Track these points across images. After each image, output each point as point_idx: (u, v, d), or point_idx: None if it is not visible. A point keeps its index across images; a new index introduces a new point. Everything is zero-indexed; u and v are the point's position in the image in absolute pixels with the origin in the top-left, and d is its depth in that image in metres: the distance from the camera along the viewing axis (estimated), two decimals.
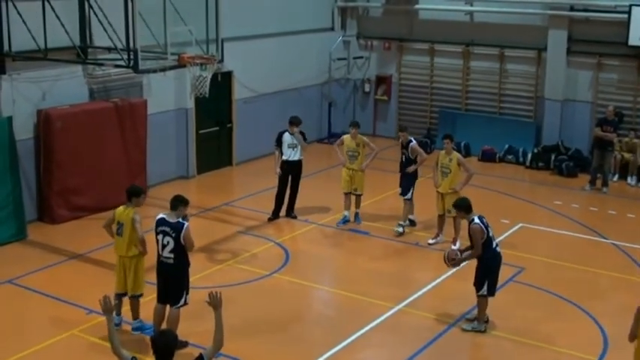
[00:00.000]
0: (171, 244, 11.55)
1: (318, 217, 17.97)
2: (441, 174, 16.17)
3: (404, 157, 17.09)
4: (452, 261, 12.78)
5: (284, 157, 17.63)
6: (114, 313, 8.68)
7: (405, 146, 17.00)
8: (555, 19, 22.69)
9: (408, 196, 16.97)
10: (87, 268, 15.09)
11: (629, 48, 21.29)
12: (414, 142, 17.12)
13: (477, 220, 12.30)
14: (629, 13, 20.92)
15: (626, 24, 21.01)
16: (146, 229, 12.25)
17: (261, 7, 22.50)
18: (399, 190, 17.25)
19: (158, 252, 11.75)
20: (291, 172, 17.73)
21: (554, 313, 13.43)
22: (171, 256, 11.60)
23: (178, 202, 11.75)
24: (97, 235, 16.24)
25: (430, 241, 16.39)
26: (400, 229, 16.89)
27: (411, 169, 16.88)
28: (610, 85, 22.45)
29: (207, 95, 16.62)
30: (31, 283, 14.22)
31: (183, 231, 11.46)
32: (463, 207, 12.57)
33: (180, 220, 11.60)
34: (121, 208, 12.28)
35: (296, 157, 17.68)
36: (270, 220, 17.74)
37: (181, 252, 11.61)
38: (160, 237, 11.62)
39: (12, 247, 15.99)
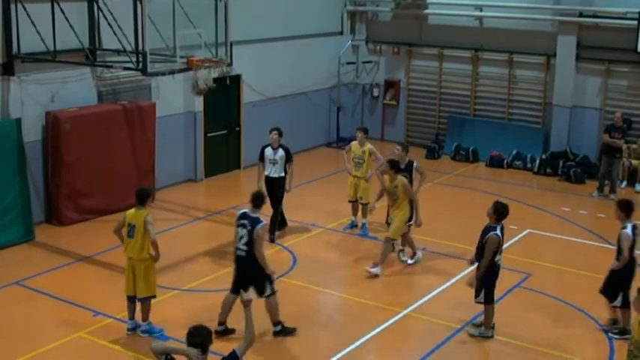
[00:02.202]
0: (246, 237, 11.98)
1: (326, 221, 17.96)
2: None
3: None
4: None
5: (265, 173, 16.57)
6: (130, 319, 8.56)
7: (406, 169, 15.65)
8: (565, 25, 22.67)
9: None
10: (94, 270, 15.11)
11: (639, 55, 21.24)
12: (415, 162, 16.03)
13: (498, 232, 12.22)
14: (638, 19, 20.88)
15: (636, 30, 20.97)
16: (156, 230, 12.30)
17: (270, 10, 22.53)
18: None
19: (235, 244, 12.21)
20: (271, 189, 16.38)
21: (560, 320, 13.40)
22: (245, 248, 12.03)
23: (260, 200, 12.24)
24: (104, 237, 16.32)
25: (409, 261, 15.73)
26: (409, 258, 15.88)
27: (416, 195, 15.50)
28: (619, 91, 22.41)
29: (213, 85, 16.62)
30: (39, 285, 14.25)
31: (258, 227, 11.90)
32: (500, 213, 12.36)
33: (260, 217, 12.07)
34: (132, 210, 12.22)
35: (276, 174, 16.50)
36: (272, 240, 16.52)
37: (253, 246, 12.00)
38: (238, 229, 12.09)
39: (20, 248, 16.03)
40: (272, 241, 16.47)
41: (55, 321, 13.00)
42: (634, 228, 12.40)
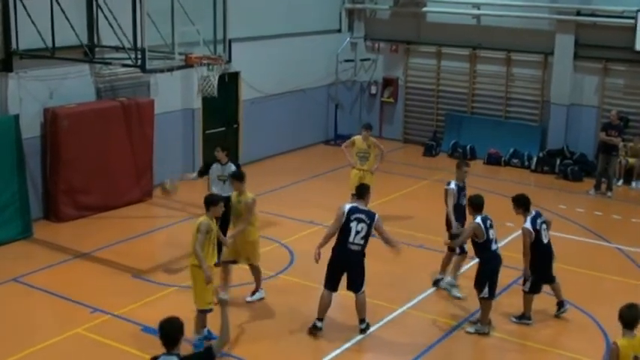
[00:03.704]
0: (364, 231, 12.22)
1: (324, 218, 17.90)
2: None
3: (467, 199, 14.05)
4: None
5: (215, 192, 14.65)
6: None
7: (464, 187, 14.68)
8: (562, 23, 22.65)
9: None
10: (92, 266, 15.08)
11: (636, 53, 21.23)
12: None
13: (477, 220, 12.44)
14: (635, 18, 20.89)
15: (633, 29, 20.98)
16: (152, 228, 12.26)
17: (269, 8, 22.50)
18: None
19: (342, 240, 12.26)
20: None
21: (557, 317, 13.39)
22: (362, 242, 12.28)
23: (365, 190, 12.66)
24: (102, 233, 16.39)
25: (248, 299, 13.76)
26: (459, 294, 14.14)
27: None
28: (616, 90, 22.40)
29: (215, 95, 16.64)
30: (36, 281, 14.22)
31: (377, 217, 12.34)
32: (475, 204, 12.68)
33: (371, 210, 12.46)
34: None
35: (228, 193, 14.46)
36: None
37: (368, 240, 12.30)
38: (353, 224, 12.21)
39: (18, 245, 16.00)
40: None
41: (52, 317, 13.00)
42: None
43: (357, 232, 12.19)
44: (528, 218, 12.71)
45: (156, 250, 16.36)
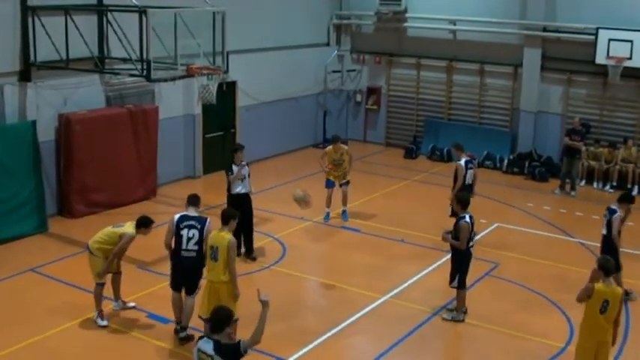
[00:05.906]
0: (195, 237, 11.41)
1: (313, 215, 17.96)
2: None
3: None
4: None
5: (232, 191, 15.14)
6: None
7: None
8: (530, 38, 22.75)
9: None
10: None
11: (596, 66, 21.34)
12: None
13: (467, 219, 12.35)
14: (595, 34, 21.00)
15: (594, 44, 21.07)
16: (155, 223, 12.25)
17: (264, 23, 22.52)
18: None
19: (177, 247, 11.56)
20: (241, 207, 14.06)
21: (525, 305, 13.48)
22: (195, 248, 11.41)
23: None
24: None
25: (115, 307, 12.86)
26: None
27: None
28: (579, 99, 22.49)
29: (214, 102, 16.67)
30: (51, 272, 14.26)
31: (207, 224, 11.43)
32: (463, 201, 12.59)
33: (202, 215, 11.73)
34: (215, 231, 11.02)
35: (244, 190, 15.05)
36: None
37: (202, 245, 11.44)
38: (184, 231, 11.43)
39: (34, 238, 16.00)
40: (254, 259, 15.14)
41: (66, 305, 12.99)
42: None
43: (189, 239, 11.37)
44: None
45: (159, 243, 16.31)
